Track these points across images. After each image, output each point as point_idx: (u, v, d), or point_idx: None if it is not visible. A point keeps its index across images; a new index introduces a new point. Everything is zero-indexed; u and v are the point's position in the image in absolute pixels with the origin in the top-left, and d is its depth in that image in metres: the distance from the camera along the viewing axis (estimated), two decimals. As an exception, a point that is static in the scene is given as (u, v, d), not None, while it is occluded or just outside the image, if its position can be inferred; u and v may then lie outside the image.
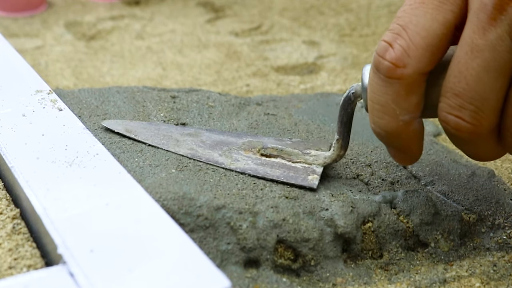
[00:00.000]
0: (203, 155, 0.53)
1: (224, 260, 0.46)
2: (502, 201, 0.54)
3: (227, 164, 0.52)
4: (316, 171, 0.52)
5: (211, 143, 0.55)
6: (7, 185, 0.50)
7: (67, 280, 0.37)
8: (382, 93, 0.42)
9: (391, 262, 0.50)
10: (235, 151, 0.54)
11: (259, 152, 0.53)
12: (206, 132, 0.56)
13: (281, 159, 0.53)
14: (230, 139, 0.56)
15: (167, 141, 0.54)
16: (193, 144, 0.54)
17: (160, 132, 0.55)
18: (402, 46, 0.40)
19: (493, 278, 0.48)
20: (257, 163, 0.52)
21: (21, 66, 0.63)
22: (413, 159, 0.47)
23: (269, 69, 0.84)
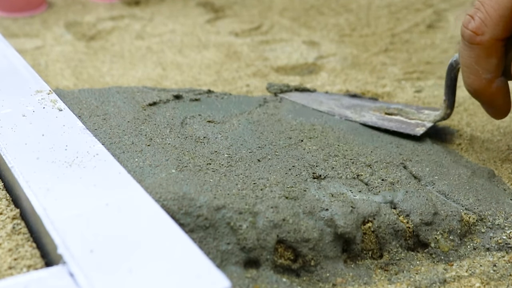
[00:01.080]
0: (337, 112, 0.64)
1: (224, 260, 0.46)
2: (502, 201, 0.54)
3: (354, 118, 0.64)
4: (426, 125, 0.62)
5: (348, 105, 0.66)
6: (7, 185, 0.50)
7: (67, 280, 0.37)
8: (468, 56, 0.52)
9: (391, 262, 0.50)
10: (365, 111, 0.65)
11: (384, 112, 0.65)
12: (348, 98, 0.68)
13: (400, 117, 0.64)
14: (365, 103, 0.67)
15: (313, 102, 0.66)
16: (333, 105, 0.66)
17: (311, 97, 0.68)
18: (480, 18, 0.50)
19: (493, 278, 0.48)
20: (379, 118, 0.63)
21: (21, 66, 0.63)
22: (502, 113, 0.56)
23: (269, 69, 0.84)
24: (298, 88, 0.70)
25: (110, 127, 0.56)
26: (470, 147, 0.64)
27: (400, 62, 0.85)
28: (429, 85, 0.78)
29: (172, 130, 0.57)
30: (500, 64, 0.52)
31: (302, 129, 0.60)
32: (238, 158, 0.54)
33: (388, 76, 0.81)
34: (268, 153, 0.55)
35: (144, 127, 0.57)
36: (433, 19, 0.98)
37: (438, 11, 1.01)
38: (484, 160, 0.62)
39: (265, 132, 0.59)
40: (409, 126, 0.62)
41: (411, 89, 0.77)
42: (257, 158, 0.54)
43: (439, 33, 0.94)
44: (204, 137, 0.57)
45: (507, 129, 0.68)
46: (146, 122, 0.58)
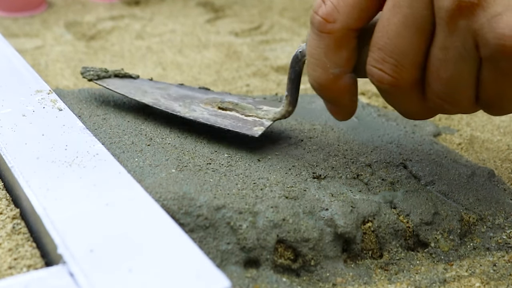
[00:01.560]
0: (164, 105, 0.57)
1: (224, 260, 0.46)
2: (502, 201, 0.54)
3: (183, 113, 0.56)
4: (264, 123, 0.55)
5: (177, 96, 0.58)
6: (7, 185, 0.50)
7: (67, 280, 0.37)
8: (316, 46, 0.45)
9: (391, 262, 0.50)
10: (196, 104, 0.57)
11: (217, 106, 0.57)
12: (176, 87, 0.61)
13: (235, 113, 0.56)
14: (196, 94, 0.60)
15: (136, 92, 0.58)
16: (158, 95, 0.58)
17: (133, 85, 0.59)
18: (333, 3, 0.43)
19: (493, 278, 0.48)
20: (211, 114, 0.56)
21: (21, 66, 0.63)
22: (346, 114, 0.50)
23: (269, 69, 0.84)
24: (118, 74, 0.61)
25: (110, 126, 0.56)
26: (470, 147, 0.64)
27: (400, 62, 0.85)
28: (429, 85, 0.78)
29: (172, 130, 0.57)
30: (351, 58, 0.45)
31: (302, 128, 0.60)
32: (238, 158, 0.54)
33: (388, 76, 0.81)
34: (268, 153, 0.55)
35: (144, 126, 0.57)
36: (433, 19, 0.98)
37: (438, 11, 1.01)
38: (484, 160, 0.62)
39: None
40: (246, 125, 0.55)
41: (411, 89, 0.77)
42: (257, 158, 0.54)
43: (439, 33, 0.94)
44: (204, 137, 0.57)
45: (507, 129, 0.68)
46: (146, 121, 0.58)
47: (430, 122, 0.67)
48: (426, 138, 0.62)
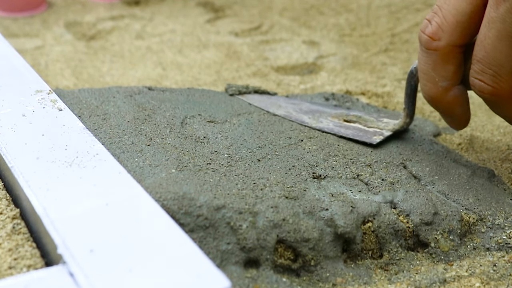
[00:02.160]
0: (294, 117, 0.63)
1: (224, 260, 0.46)
2: (502, 201, 0.54)
3: (310, 124, 0.62)
4: (383, 134, 0.60)
5: (307, 110, 0.65)
6: (7, 185, 0.50)
7: (67, 280, 0.37)
8: (424, 62, 0.50)
9: (391, 262, 0.50)
10: (324, 117, 0.63)
11: (343, 119, 0.63)
12: (308, 103, 0.67)
13: (358, 124, 0.62)
14: (326, 109, 0.65)
15: (271, 106, 0.65)
16: (291, 109, 0.65)
17: (269, 100, 0.66)
18: (437, 23, 0.48)
19: (493, 278, 0.48)
20: (336, 125, 0.62)
21: (21, 66, 0.63)
22: (460, 123, 0.55)
23: (269, 69, 0.84)
24: (257, 90, 0.69)
25: (110, 127, 0.56)
26: (470, 147, 0.64)
27: (400, 62, 0.85)
28: (429, 85, 0.78)
29: (172, 130, 0.57)
30: (457, 71, 0.50)
31: (302, 128, 0.60)
32: (238, 158, 0.54)
33: (388, 76, 0.81)
34: (268, 153, 0.55)
35: (144, 126, 0.57)
36: (433, 19, 0.98)
37: (438, 11, 1.01)
38: (484, 160, 0.62)
39: (265, 132, 0.59)
40: (366, 134, 0.60)
41: (411, 89, 0.77)
42: (257, 158, 0.54)
43: (439, 33, 0.94)
44: (204, 137, 0.57)
45: (507, 129, 0.68)
46: (146, 122, 0.58)
47: (430, 122, 0.67)
48: (426, 138, 0.62)
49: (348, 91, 0.76)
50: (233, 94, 0.68)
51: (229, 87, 0.69)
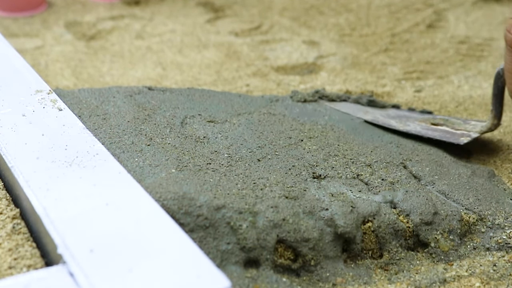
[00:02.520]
0: (382, 121, 0.64)
1: (224, 260, 0.46)
2: (502, 201, 0.54)
3: (397, 127, 0.63)
4: (471, 135, 0.62)
5: (394, 115, 0.66)
6: (7, 185, 0.50)
7: (67, 280, 0.37)
8: (510, 61, 0.53)
9: (391, 262, 0.50)
10: (411, 121, 0.65)
11: (430, 122, 0.65)
12: (395, 110, 0.68)
13: (445, 127, 0.63)
14: (412, 115, 0.67)
15: (358, 111, 0.66)
16: (378, 114, 0.66)
17: (356, 107, 0.67)
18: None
19: (493, 277, 0.48)
20: (423, 128, 0.63)
21: (21, 66, 0.63)
22: None
23: (269, 69, 0.84)
24: (323, 95, 0.69)
25: (110, 126, 0.56)
26: (470, 147, 0.64)
27: (400, 62, 0.85)
28: (429, 84, 0.78)
29: (172, 130, 0.57)
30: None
31: (302, 128, 0.60)
32: (238, 158, 0.54)
33: (388, 76, 0.81)
34: (268, 153, 0.55)
35: (144, 126, 0.57)
36: (433, 19, 0.98)
37: (438, 11, 1.01)
38: (484, 160, 0.62)
39: (265, 132, 0.59)
40: (453, 136, 0.61)
41: (411, 89, 0.77)
42: (257, 158, 0.54)
43: (439, 32, 0.94)
44: (204, 137, 0.57)
45: (507, 129, 0.68)
46: (146, 121, 0.58)
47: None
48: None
49: (348, 91, 0.76)
50: (299, 101, 0.68)
51: (294, 94, 0.69)
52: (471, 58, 0.87)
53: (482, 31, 0.94)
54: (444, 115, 0.69)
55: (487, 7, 1.03)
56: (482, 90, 0.77)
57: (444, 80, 0.79)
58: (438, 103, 0.73)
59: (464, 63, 0.84)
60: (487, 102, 0.74)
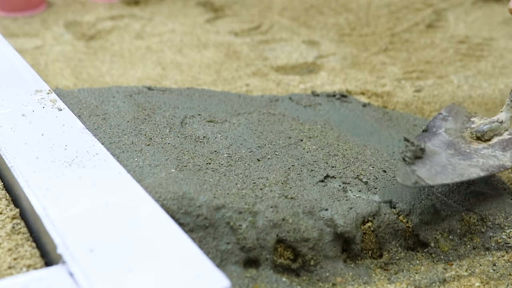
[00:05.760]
0: (451, 175, 0.51)
1: (224, 260, 0.46)
2: (502, 201, 0.54)
3: (476, 173, 0.52)
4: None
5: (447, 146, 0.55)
6: (6, 185, 0.50)
7: (67, 280, 0.37)
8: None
9: (390, 261, 0.50)
10: (469, 149, 0.55)
11: (474, 138, 0.56)
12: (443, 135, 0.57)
13: (497, 137, 0.56)
14: (446, 136, 0.57)
15: (451, 174, 0.52)
16: (467, 166, 0.53)
17: (438, 167, 0.52)
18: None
19: (493, 277, 0.48)
20: (497, 152, 0.55)
21: (21, 66, 0.63)
22: None
23: (268, 68, 0.84)
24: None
25: (109, 126, 0.56)
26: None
27: (400, 62, 0.85)
28: (429, 84, 0.78)
29: (172, 129, 0.57)
30: None
31: (301, 128, 0.60)
32: (237, 158, 0.54)
33: (387, 76, 0.81)
34: (268, 153, 0.55)
35: (143, 126, 0.57)
36: (432, 19, 0.99)
37: (438, 11, 1.01)
38: (483, 159, 0.62)
39: (264, 132, 0.59)
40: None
41: (411, 89, 0.77)
42: (256, 158, 0.54)
43: (439, 32, 0.94)
44: (203, 137, 0.57)
45: (507, 129, 0.68)
46: (145, 121, 0.58)
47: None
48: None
49: (348, 91, 0.76)
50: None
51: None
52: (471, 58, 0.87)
53: (482, 30, 0.94)
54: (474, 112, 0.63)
55: (487, 6, 1.03)
56: (481, 89, 0.77)
57: (444, 79, 0.79)
58: (437, 103, 0.73)
59: (464, 62, 0.84)
60: (486, 101, 0.74)
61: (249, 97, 0.67)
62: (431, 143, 0.55)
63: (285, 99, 0.68)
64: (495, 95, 0.75)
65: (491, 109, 0.72)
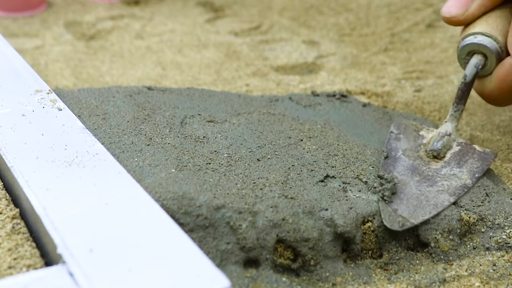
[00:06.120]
0: (444, 202, 0.52)
1: (224, 260, 0.46)
2: (502, 201, 0.54)
3: (450, 201, 0.52)
4: (467, 142, 0.58)
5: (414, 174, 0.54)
6: (6, 185, 0.50)
7: (67, 280, 0.37)
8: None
9: (390, 261, 0.50)
10: (432, 173, 0.54)
11: (431, 157, 0.56)
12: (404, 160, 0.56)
13: (449, 151, 0.56)
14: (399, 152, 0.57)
15: (424, 207, 0.51)
16: (441, 194, 0.53)
17: (415, 202, 0.52)
18: None
19: (493, 277, 0.48)
20: (455, 170, 0.55)
21: (21, 66, 0.63)
22: None
23: (268, 68, 0.84)
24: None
25: (109, 126, 0.56)
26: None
27: (400, 62, 0.85)
28: (429, 84, 0.78)
29: (172, 129, 0.57)
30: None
31: (301, 128, 0.60)
32: (237, 158, 0.54)
33: (387, 76, 0.81)
34: (268, 153, 0.55)
35: (143, 126, 0.57)
36: (432, 19, 0.98)
37: (438, 11, 1.01)
38: (483, 159, 0.62)
39: (264, 132, 0.59)
40: (483, 155, 0.56)
41: (411, 89, 0.77)
42: (256, 158, 0.54)
43: (439, 32, 0.94)
44: (203, 137, 0.57)
45: (507, 129, 0.68)
46: (145, 121, 0.58)
47: (430, 122, 0.67)
48: (426, 138, 0.62)
49: (348, 91, 0.76)
50: None
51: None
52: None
53: (482, 30, 0.94)
54: (423, 117, 0.65)
55: (487, 6, 1.03)
56: (481, 89, 0.76)
57: (444, 79, 0.79)
58: (437, 103, 0.73)
59: (464, 62, 0.84)
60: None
61: (249, 97, 0.67)
62: (397, 171, 0.54)
63: (285, 99, 0.68)
64: (495, 95, 0.75)
65: (491, 109, 0.72)
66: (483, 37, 0.56)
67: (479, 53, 0.57)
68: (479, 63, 0.56)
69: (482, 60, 0.56)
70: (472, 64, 0.56)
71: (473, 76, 0.56)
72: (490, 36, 0.56)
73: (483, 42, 0.56)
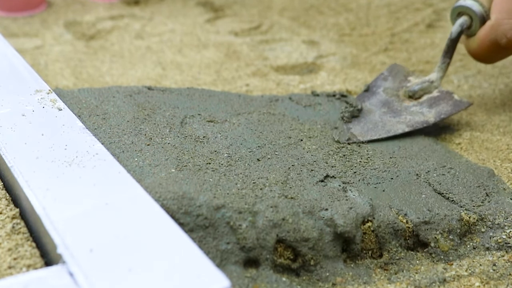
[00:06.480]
0: (395, 129, 0.61)
1: (224, 260, 0.46)
2: (502, 201, 0.54)
3: (404, 129, 0.61)
4: (449, 91, 0.65)
5: (388, 109, 0.63)
6: (6, 185, 0.50)
7: (67, 279, 0.37)
8: None
9: (390, 261, 0.50)
10: (399, 105, 0.63)
11: (407, 97, 0.65)
12: (377, 95, 0.65)
13: (427, 95, 0.65)
14: (382, 94, 0.65)
15: (376, 129, 0.61)
16: (395, 122, 0.62)
17: (370, 124, 0.62)
18: None
19: (493, 277, 0.48)
20: (424, 109, 0.63)
21: (21, 66, 0.63)
22: None
23: (268, 68, 0.84)
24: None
25: (109, 126, 0.56)
26: (470, 147, 0.64)
27: (400, 62, 0.85)
28: (429, 84, 0.78)
29: (172, 129, 0.57)
30: None
31: (301, 128, 0.60)
32: (237, 158, 0.54)
33: (387, 76, 0.81)
34: (268, 153, 0.55)
35: (143, 126, 0.57)
36: (432, 19, 0.98)
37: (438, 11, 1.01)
38: (484, 159, 0.62)
39: (264, 132, 0.59)
40: (452, 101, 0.64)
41: (411, 89, 0.77)
42: (256, 158, 0.54)
43: (439, 32, 0.94)
44: (203, 137, 0.57)
45: (507, 129, 0.68)
46: (145, 121, 0.58)
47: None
48: (426, 138, 0.62)
49: (348, 91, 0.76)
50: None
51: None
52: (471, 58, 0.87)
53: (482, 30, 0.94)
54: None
55: (487, 6, 1.03)
56: (481, 89, 0.77)
57: (444, 79, 0.79)
58: (437, 103, 0.73)
59: (464, 62, 0.84)
60: (486, 101, 0.74)
61: (249, 97, 0.67)
62: (369, 102, 0.64)
63: (285, 99, 0.68)
64: (495, 95, 0.75)
65: (491, 109, 0.72)
66: (471, 1, 0.65)
67: (466, 15, 0.66)
68: (464, 23, 0.65)
69: (468, 21, 0.65)
70: (458, 23, 0.66)
71: (458, 33, 0.66)
72: (477, 1, 0.65)
73: (470, 5, 0.65)
